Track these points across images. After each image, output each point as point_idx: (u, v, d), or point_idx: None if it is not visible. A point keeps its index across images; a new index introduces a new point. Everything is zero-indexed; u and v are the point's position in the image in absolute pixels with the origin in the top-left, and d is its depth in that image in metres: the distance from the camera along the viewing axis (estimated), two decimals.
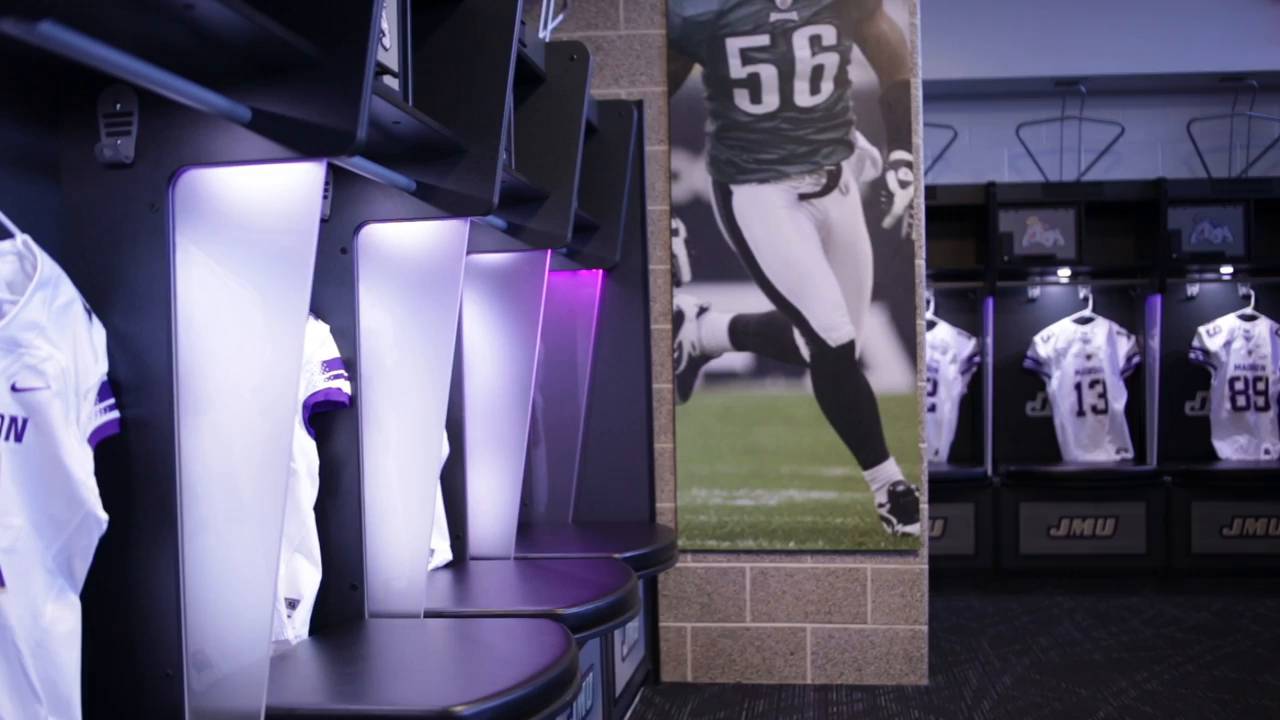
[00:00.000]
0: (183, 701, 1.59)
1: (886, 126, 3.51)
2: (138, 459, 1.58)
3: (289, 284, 1.62)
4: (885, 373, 3.50)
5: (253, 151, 1.59)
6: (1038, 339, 5.44)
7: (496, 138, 2.23)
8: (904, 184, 3.50)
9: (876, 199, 3.50)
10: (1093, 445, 5.37)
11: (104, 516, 1.47)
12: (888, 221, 3.50)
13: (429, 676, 1.87)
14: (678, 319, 3.58)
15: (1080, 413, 5.38)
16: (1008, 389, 5.44)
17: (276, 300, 1.62)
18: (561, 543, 3.14)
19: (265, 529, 1.62)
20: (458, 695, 1.66)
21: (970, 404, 5.40)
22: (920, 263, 3.50)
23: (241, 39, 1.49)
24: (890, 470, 3.50)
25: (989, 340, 5.21)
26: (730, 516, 3.56)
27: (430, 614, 2.24)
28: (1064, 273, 5.34)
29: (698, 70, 3.56)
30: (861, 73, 3.51)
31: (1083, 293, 5.43)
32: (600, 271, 3.52)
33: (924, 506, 3.49)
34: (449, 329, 2.25)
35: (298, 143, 1.58)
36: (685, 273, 3.58)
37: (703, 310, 3.57)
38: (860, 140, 3.51)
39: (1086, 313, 5.41)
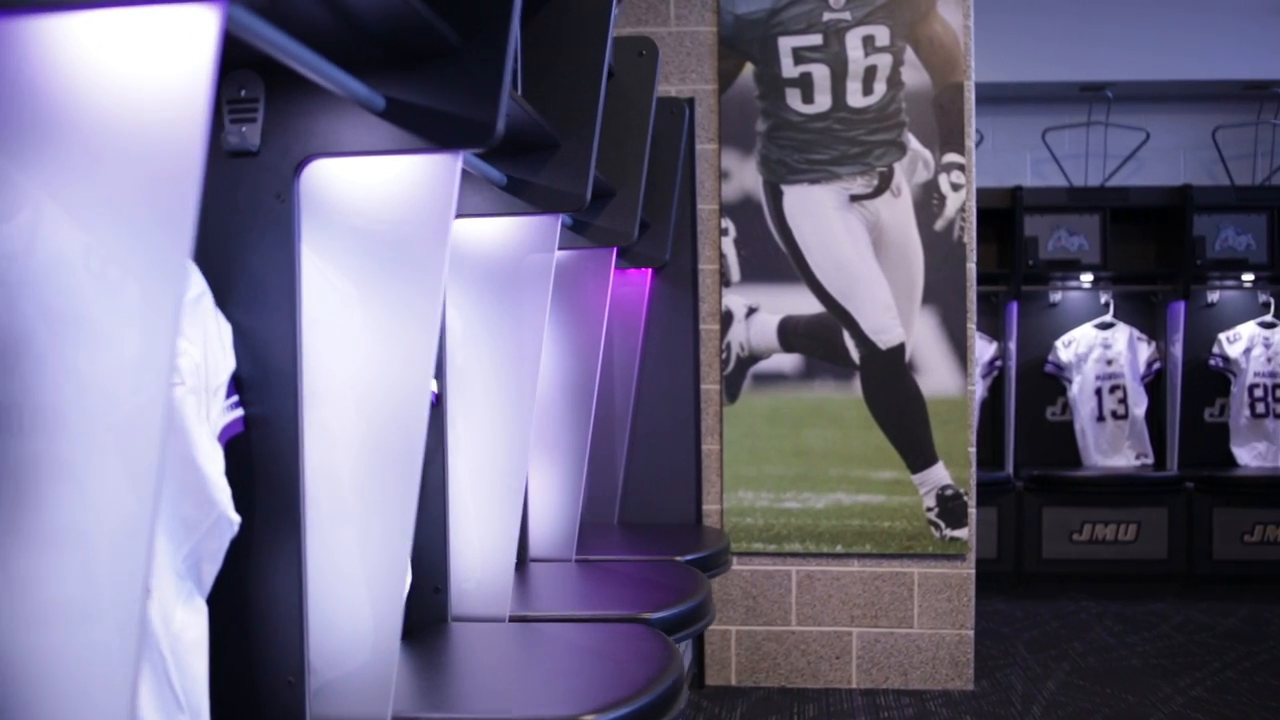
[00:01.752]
0: (304, 709, 1.54)
1: (939, 129, 3.49)
2: (260, 458, 1.53)
3: (419, 282, 1.57)
4: (935, 376, 3.48)
5: (385, 142, 1.54)
6: (1059, 344, 5.44)
7: (591, 133, 2.18)
8: (956, 187, 3.48)
9: (928, 201, 3.48)
10: (1112, 450, 5.38)
11: (236, 518, 1.42)
12: (939, 224, 3.48)
13: (546, 684, 1.82)
14: (726, 319, 3.55)
15: (1100, 418, 5.39)
16: (1028, 393, 5.44)
17: (407, 299, 1.57)
18: (616, 545, 3.09)
19: (392, 532, 1.57)
20: (581, 704, 1.61)
21: (990, 408, 5.39)
22: (971, 266, 3.48)
23: (382, 23, 1.44)
24: (939, 474, 3.48)
25: (1012, 345, 5.21)
26: (777, 519, 3.53)
27: (513, 618, 2.19)
28: (1086, 278, 5.35)
29: (749, 69, 3.53)
30: (914, 74, 3.48)
31: (1104, 298, 5.43)
32: (649, 270, 3.48)
33: (972, 511, 3.47)
34: (538, 327, 2.20)
35: (433, 134, 1.54)
36: (734, 273, 3.54)
37: (752, 311, 3.54)
38: (912, 142, 3.48)
39: (1108, 318, 5.41)
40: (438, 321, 1.56)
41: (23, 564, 1.19)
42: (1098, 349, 5.40)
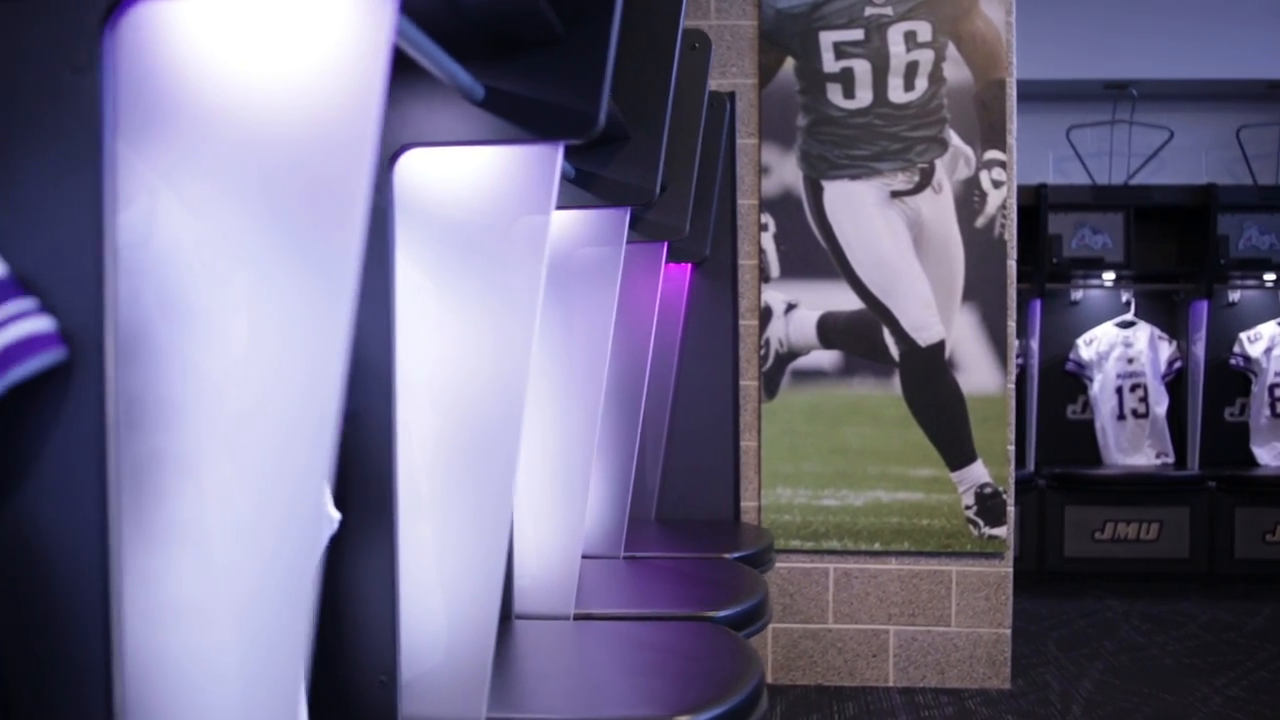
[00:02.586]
0: (396, 709, 1.52)
1: (981, 125, 3.47)
2: (353, 453, 1.51)
3: (517, 276, 1.54)
4: (975, 374, 3.47)
5: (484, 132, 1.51)
6: (1080, 342, 5.44)
7: (661, 125, 2.16)
8: (997, 184, 3.46)
9: (969, 198, 3.46)
10: (1133, 449, 5.38)
11: (336, 515, 1.40)
12: (980, 221, 3.46)
13: (634, 683, 1.80)
14: (765, 315, 3.53)
15: (1121, 416, 5.39)
16: (1049, 391, 5.43)
17: (503, 294, 1.54)
18: (660, 541, 3.07)
19: (490, 528, 1.55)
20: (673, 705, 1.60)
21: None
22: (1012, 264, 3.47)
23: (488, 9, 1.41)
24: (978, 472, 3.47)
25: (1034, 343, 5.20)
26: (815, 516, 3.52)
27: (576, 616, 2.17)
28: (1108, 276, 5.34)
29: (790, 63, 3.51)
30: (956, 70, 3.47)
31: (1125, 296, 5.43)
32: (689, 265, 3.46)
33: (1011, 509, 3.46)
34: (605, 322, 2.18)
35: (534, 124, 1.51)
36: (774, 268, 3.52)
37: (791, 307, 3.52)
38: (954, 138, 3.47)
39: (1129, 316, 5.41)
40: (536, 317, 1.54)
41: (146, 561, 1.16)
42: (1119, 347, 5.40)
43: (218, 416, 1.16)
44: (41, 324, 0.93)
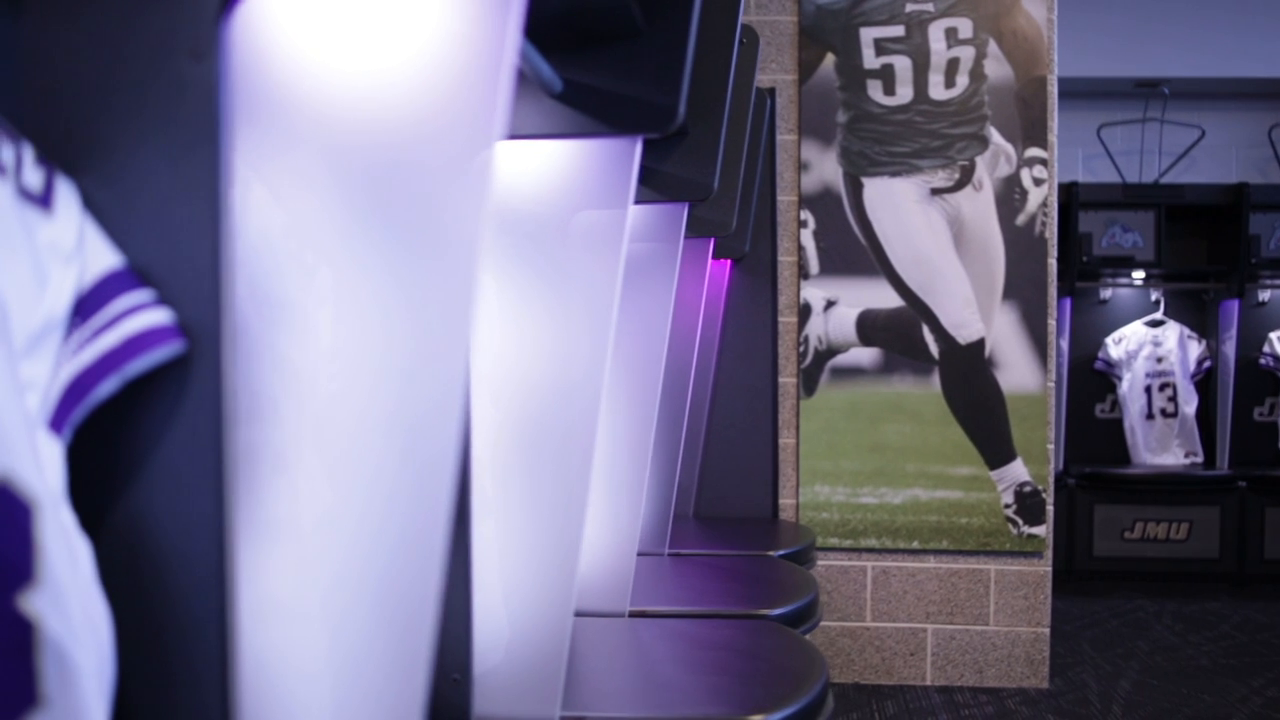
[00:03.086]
0: (469, 707, 1.51)
1: (1022, 123, 3.45)
2: None
3: (595, 270, 1.53)
4: (1015, 372, 3.45)
5: (561, 125, 1.50)
6: (1109, 340, 5.42)
7: (719, 120, 2.15)
8: (1038, 182, 3.45)
9: (1010, 196, 3.44)
10: (1161, 449, 5.35)
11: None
12: (1020, 219, 3.45)
13: (705, 681, 1.78)
14: (804, 312, 3.51)
15: (1150, 415, 5.36)
16: (1078, 390, 5.41)
17: (581, 287, 1.53)
18: (703, 538, 3.06)
19: (563, 524, 1.54)
20: (748, 704, 1.58)
21: None
22: (1052, 262, 3.45)
23: (568, 2, 1.40)
24: (1017, 471, 3.45)
25: (1063, 342, 5.17)
26: (853, 514, 3.50)
27: (632, 613, 2.16)
28: (1138, 275, 5.32)
29: (830, 59, 3.49)
30: (997, 67, 3.45)
31: (1154, 295, 5.40)
32: (728, 262, 3.45)
33: (1050, 508, 3.45)
34: (663, 317, 2.17)
35: (612, 117, 1.50)
36: (813, 265, 3.51)
37: (830, 304, 3.51)
38: (995, 136, 3.45)
39: (1158, 315, 5.38)
40: (613, 315, 1.52)
41: (247, 556, 1.16)
42: (1148, 346, 5.37)
43: (306, 411, 1.15)
44: (160, 316, 0.92)
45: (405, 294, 1.16)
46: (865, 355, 3.50)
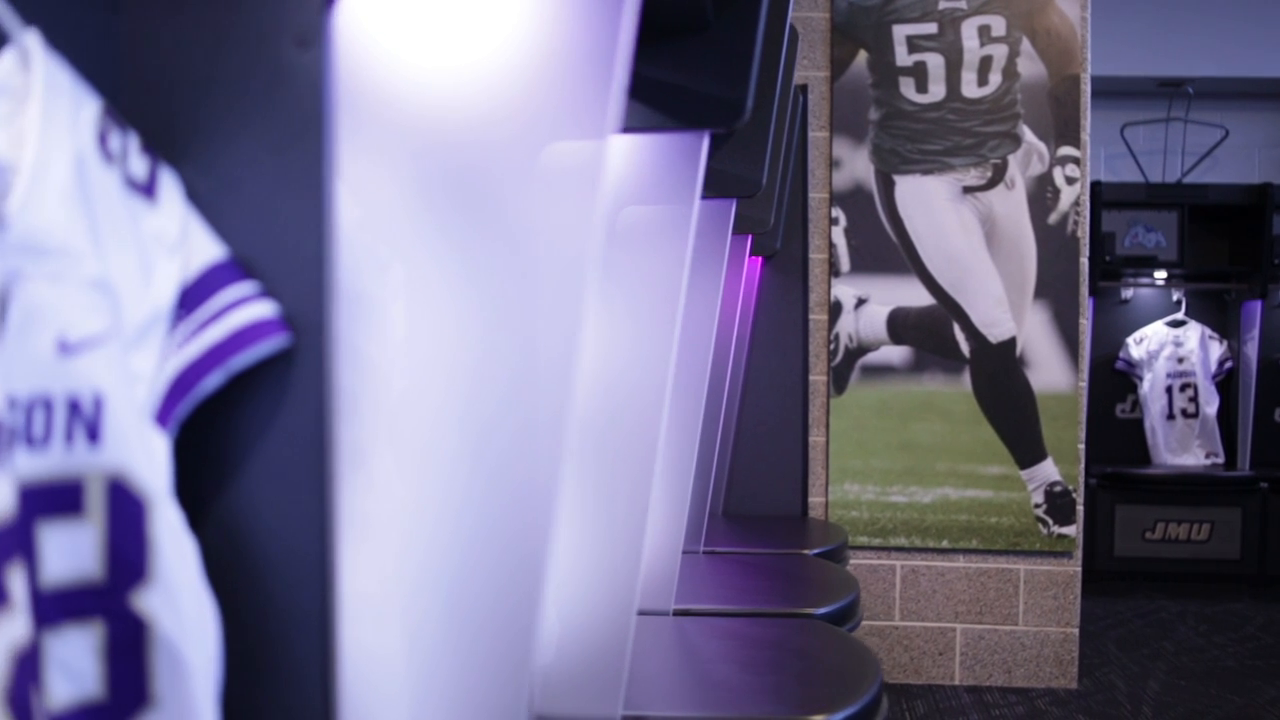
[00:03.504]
0: (531, 704, 1.49)
1: (1054, 121, 3.44)
2: None
3: (661, 267, 1.52)
4: (1046, 371, 3.44)
5: (629, 120, 1.49)
6: (1130, 340, 5.40)
7: (769, 116, 2.13)
8: (1070, 180, 3.43)
9: (1042, 195, 3.43)
10: (1182, 449, 5.34)
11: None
12: (1053, 218, 3.43)
13: (762, 681, 1.77)
14: (835, 310, 3.50)
15: (1170, 416, 5.34)
16: (1098, 389, 5.39)
17: (649, 284, 1.52)
18: (735, 537, 3.05)
19: (627, 519, 1.53)
20: (808, 705, 1.58)
21: None
22: (1084, 261, 3.44)
23: None
24: (1048, 470, 3.44)
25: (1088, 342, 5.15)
26: (882, 513, 3.49)
27: (676, 612, 2.15)
28: (1159, 275, 5.30)
29: (862, 56, 3.48)
30: (1030, 65, 3.43)
31: (1176, 295, 5.39)
32: (759, 259, 3.43)
33: (1080, 508, 3.43)
34: (710, 313, 2.16)
35: (680, 112, 1.49)
36: (844, 263, 3.49)
37: (861, 302, 3.49)
38: (1027, 134, 3.43)
39: (1179, 315, 5.37)
40: (679, 309, 1.51)
41: (337, 552, 1.15)
42: (1169, 346, 5.36)
43: (382, 406, 1.14)
44: (265, 309, 0.91)
45: (480, 292, 1.15)
46: (896, 353, 3.49)
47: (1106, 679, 3.59)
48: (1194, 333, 5.35)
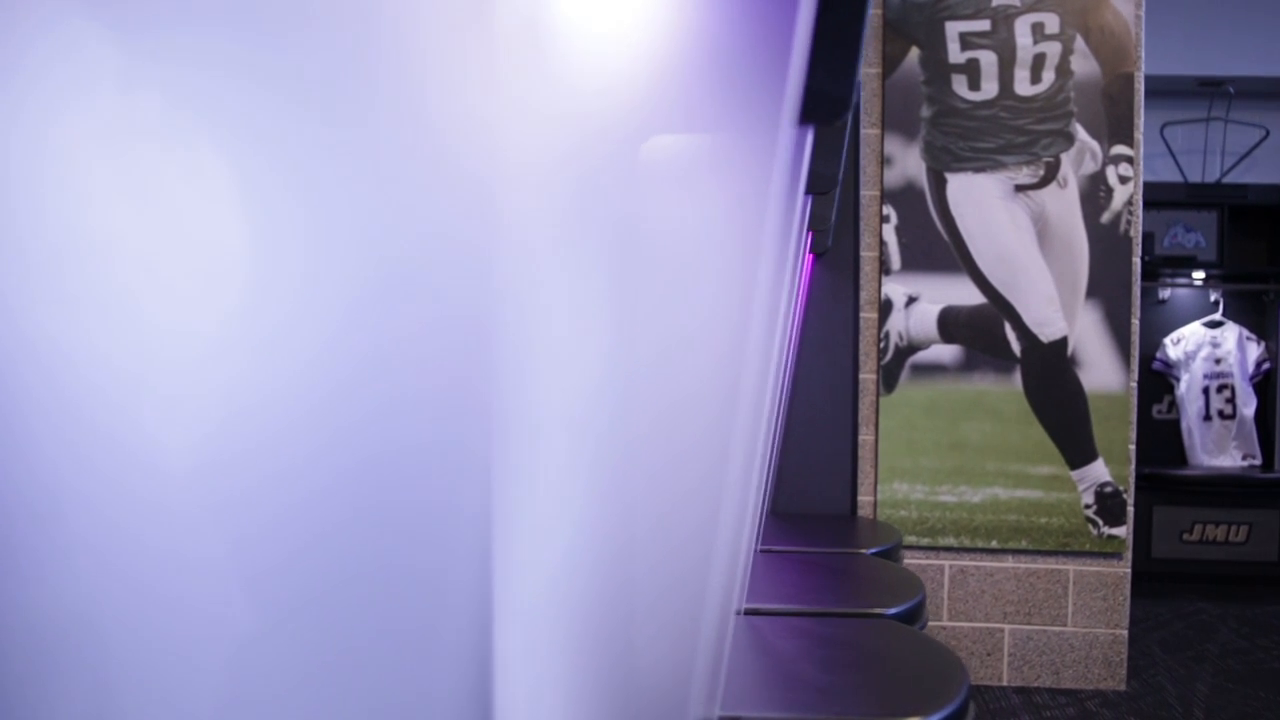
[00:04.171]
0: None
1: (1108, 120, 3.42)
2: None
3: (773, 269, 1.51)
4: (1097, 371, 3.42)
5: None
6: (1167, 341, 5.38)
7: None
8: (1124, 179, 3.41)
9: (1095, 194, 3.41)
10: (1218, 450, 5.31)
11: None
12: (1106, 217, 3.41)
13: (854, 682, 1.77)
14: (885, 308, 3.48)
15: (1207, 417, 5.32)
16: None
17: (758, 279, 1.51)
18: (789, 535, 3.04)
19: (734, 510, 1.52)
20: (903, 706, 1.57)
21: None
22: (1137, 261, 3.42)
23: None
24: (1099, 471, 3.42)
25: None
26: (931, 512, 3.48)
27: (746, 611, 2.14)
28: (1197, 275, 5.28)
29: (914, 53, 3.46)
30: (1084, 63, 3.41)
31: (1213, 296, 5.36)
32: (810, 256, 3.42)
33: (1130, 509, 3.42)
34: (788, 309, 2.14)
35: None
36: (895, 261, 3.48)
37: (911, 300, 3.48)
38: (1080, 133, 3.41)
39: (1216, 316, 5.34)
40: (786, 306, 1.50)
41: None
42: (1206, 347, 5.33)
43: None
44: None
45: (613, 296, 1.13)
46: (946, 352, 3.47)
47: (1155, 681, 3.57)
48: (1231, 333, 5.32)
